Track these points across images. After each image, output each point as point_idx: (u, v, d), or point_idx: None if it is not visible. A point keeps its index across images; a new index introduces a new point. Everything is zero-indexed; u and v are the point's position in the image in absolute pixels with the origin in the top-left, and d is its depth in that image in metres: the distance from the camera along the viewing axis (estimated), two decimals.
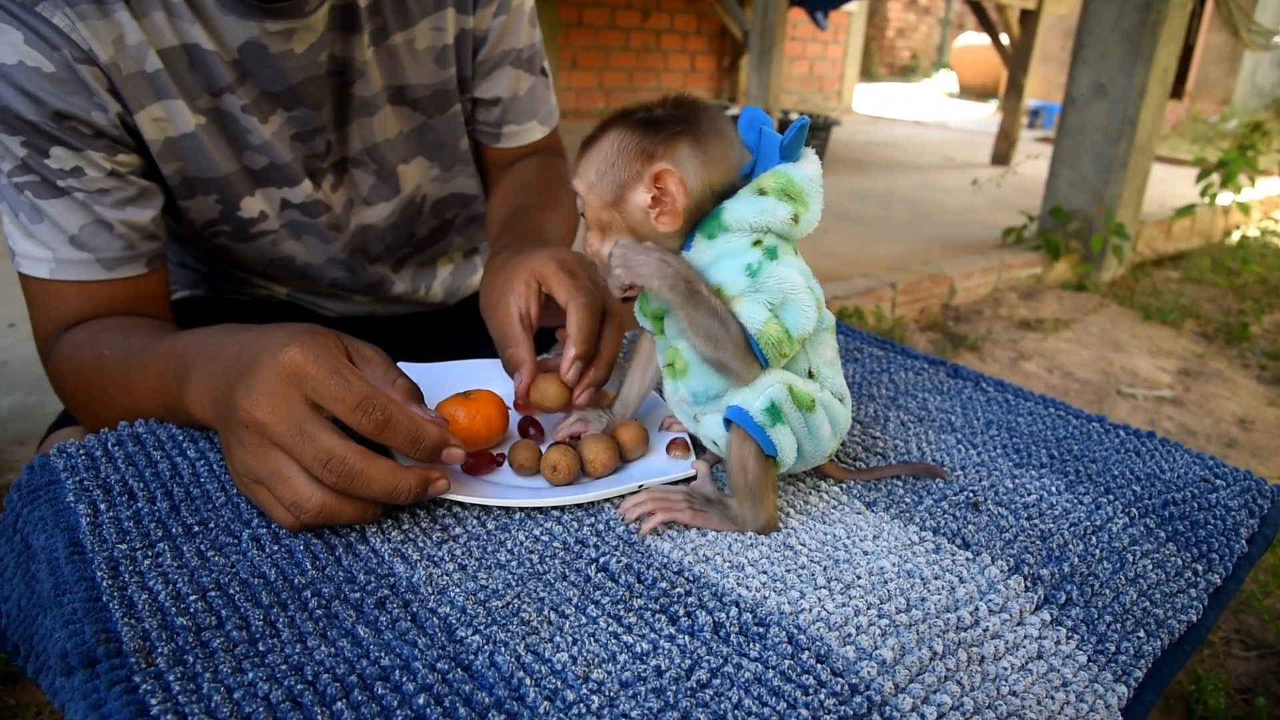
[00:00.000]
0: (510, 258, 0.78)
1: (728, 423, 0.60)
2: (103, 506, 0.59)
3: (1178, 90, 8.20)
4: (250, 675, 0.45)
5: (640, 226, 0.60)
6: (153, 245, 0.82)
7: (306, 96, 0.85)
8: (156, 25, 0.76)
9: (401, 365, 0.78)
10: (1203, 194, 4.33)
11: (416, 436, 0.56)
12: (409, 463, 0.60)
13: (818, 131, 5.13)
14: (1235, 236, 4.74)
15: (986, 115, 9.40)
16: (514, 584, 0.54)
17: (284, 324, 0.60)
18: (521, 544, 0.58)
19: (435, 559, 0.56)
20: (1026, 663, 0.52)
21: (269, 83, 0.83)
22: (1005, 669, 0.51)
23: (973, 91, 11.39)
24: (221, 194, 0.86)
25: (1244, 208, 4.42)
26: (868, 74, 11.52)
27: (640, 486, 0.64)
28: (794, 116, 4.99)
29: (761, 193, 0.59)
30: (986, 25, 5.90)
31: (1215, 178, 4.29)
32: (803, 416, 0.60)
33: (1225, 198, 4.46)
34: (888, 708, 0.46)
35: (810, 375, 0.62)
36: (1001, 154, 6.02)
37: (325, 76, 0.86)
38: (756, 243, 0.59)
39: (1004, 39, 5.87)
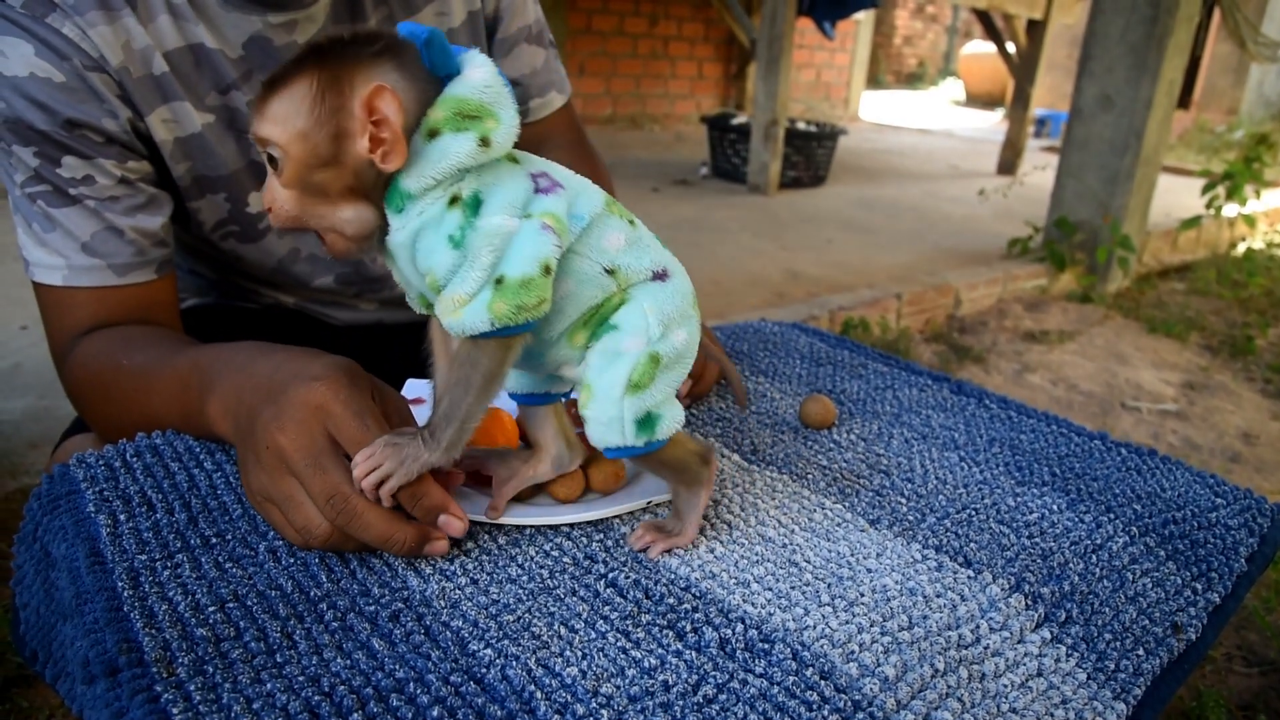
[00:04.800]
0: None
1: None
2: (122, 517, 0.60)
3: (1184, 100, 8.21)
4: (269, 686, 0.47)
5: (365, 180, 0.52)
6: (162, 252, 0.83)
7: None
8: (161, 28, 0.78)
9: (413, 382, 0.79)
10: (1208, 206, 4.33)
11: (417, 492, 0.56)
12: None
13: (825, 140, 5.13)
14: (1241, 248, 4.74)
15: (992, 123, 9.41)
16: (525, 598, 0.55)
17: (322, 353, 0.62)
18: (532, 559, 0.59)
19: (448, 573, 0.57)
20: (1026, 680, 0.53)
21: None
22: (1005, 686, 0.52)
23: (979, 99, 11.40)
24: (230, 191, 0.88)
25: (1249, 220, 4.42)
26: (875, 81, 11.54)
27: (649, 503, 0.65)
28: (801, 124, 4.87)
29: (432, 134, 0.50)
30: (993, 34, 5.91)
31: (1221, 190, 4.29)
32: (669, 373, 0.56)
33: (1231, 210, 4.46)
34: None
35: (610, 273, 0.55)
36: (1007, 163, 6.02)
37: None
38: (453, 200, 0.51)
39: (1010, 48, 5.89)
